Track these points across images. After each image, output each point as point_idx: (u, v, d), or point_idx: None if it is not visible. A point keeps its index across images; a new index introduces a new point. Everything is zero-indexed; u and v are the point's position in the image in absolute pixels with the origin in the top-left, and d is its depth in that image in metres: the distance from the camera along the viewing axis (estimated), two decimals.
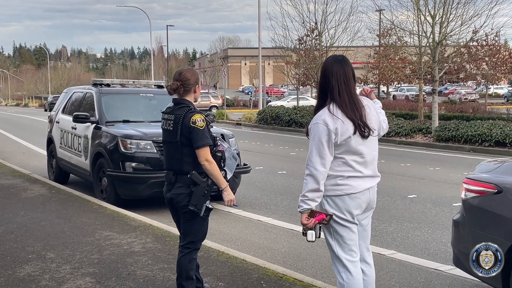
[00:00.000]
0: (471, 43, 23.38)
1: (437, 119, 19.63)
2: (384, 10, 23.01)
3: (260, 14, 29.73)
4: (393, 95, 47.41)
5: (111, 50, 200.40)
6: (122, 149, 8.16)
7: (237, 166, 8.61)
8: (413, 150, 17.18)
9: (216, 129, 9.20)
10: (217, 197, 9.06)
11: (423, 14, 19.34)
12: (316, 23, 24.91)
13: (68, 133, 10.14)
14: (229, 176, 4.43)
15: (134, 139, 8.18)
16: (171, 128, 4.14)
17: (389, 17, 21.14)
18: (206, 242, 6.14)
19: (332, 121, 3.40)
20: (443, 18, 18.90)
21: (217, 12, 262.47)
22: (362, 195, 3.56)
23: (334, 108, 3.43)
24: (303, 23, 25.29)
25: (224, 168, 4.33)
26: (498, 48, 32.77)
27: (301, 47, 26.64)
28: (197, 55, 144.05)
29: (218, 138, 4.35)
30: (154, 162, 8.06)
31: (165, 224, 7.08)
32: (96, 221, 7.12)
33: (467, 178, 4.55)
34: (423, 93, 24.39)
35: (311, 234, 3.49)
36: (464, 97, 44.22)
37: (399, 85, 48.95)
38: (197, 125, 4.04)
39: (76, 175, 10.07)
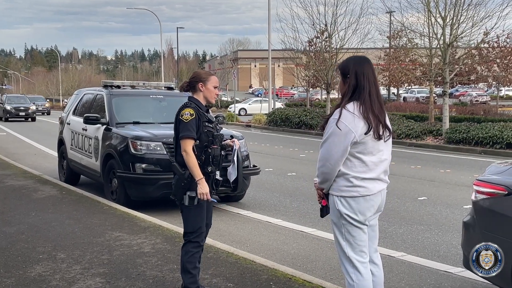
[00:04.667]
0: (482, 45, 23.27)
1: (447, 121, 19.54)
2: (394, 12, 22.99)
3: (270, 16, 29.75)
4: (404, 97, 47.21)
5: (121, 52, 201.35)
6: (132, 151, 8.20)
7: (246, 168, 8.71)
8: (424, 152, 17.11)
9: (225, 131, 9.21)
10: (228, 198, 9.13)
11: (433, 16, 19.28)
12: (326, 25, 24.91)
13: (78, 134, 10.20)
14: (232, 177, 4.62)
15: (144, 140, 8.21)
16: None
17: (400, 18, 21.12)
18: (216, 244, 6.17)
19: (353, 120, 3.39)
20: (454, 20, 18.83)
21: (225, 14, 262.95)
22: (376, 197, 3.57)
23: (359, 107, 3.42)
24: (313, 25, 25.32)
25: (228, 168, 4.59)
26: (510, 50, 32.55)
27: (311, 49, 26.64)
28: (207, 57, 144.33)
29: (227, 139, 4.53)
30: (164, 164, 8.09)
31: (174, 225, 7.10)
32: (106, 222, 7.15)
33: (478, 180, 4.53)
34: (434, 95, 24.29)
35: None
36: (475, 99, 43.95)
37: (410, 87, 48.77)
38: (183, 118, 4.27)
39: (87, 176, 10.13)
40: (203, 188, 4.25)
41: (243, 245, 6.56)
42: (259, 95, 56.90)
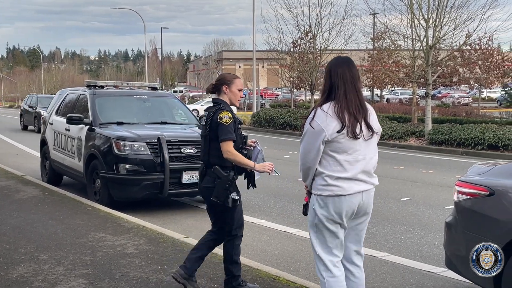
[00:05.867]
0: (464, 47, 23.48)
1: (430, 122, 19.71)
2: (378, 13, 23.16)
3: (255, 17, 29.78)
4: (387, 99, 47.49)
5: (105, 52, 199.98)
6: (116, 151, 8.15)
7: None
8: (407, 153, 17.24)
9: None
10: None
11: (416, 18, 19.42)
12: (310, 26, 24.99)
13: (61, 134, 10.12)
14: (257, 176, 4.69)
15: (127, 140, 8.18)
16: (204, 123, 4.56)
17: (383, 20, 21.25)
18: None
19: (325, 119, 3.44)
20: (437, 22, 18.99)
21: (209, 15, 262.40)
22: (353, 198, 3.52)
23: (334, 106, 3.46)
24: (298, 26, 25.38)
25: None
26: (491, 52, 32.89)
27: (295, 50, 26.70)
28: (191, 58, 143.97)
29: (254, 141, 4.76)
30: (147, 164, 8.06)
31: (158, 226, 7.08)
32: (89, 223, 7.10)
33: (460, 180, 4.58)
34: (417, 96, 24.49)
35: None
36: (458, 100, 44.37)
37: (393, 89, 49.07)
38: (223, 121, 4.40)
39: (70, 176, 10.05)
40: (263, 167, 4.53)
41: None
42: (244, 95, 56.88)
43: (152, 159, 8.06)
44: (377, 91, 46.03)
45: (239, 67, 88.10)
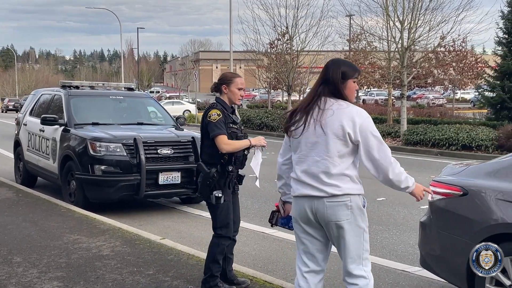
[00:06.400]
0: (438, 49, 23.83)
1: (405, 123, 19.93)
2: (354, 15, 23.31)
3: (232, 17, 29.75)
4: (363, 100, 47.90)
5: (80, 52, 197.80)
6: (91, 152, 8.07)
7: None
8: None
9: (187, 132, 9.18)
10: (189, 200, 9.08)
11: (392, 20, 19.64)
12: (287, 27, 25.05)
13: (36, 135, 9.98)
14: (256, 182, 4.79)
15: (103, 141, 8.10)
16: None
17: (359, 22, 21.43)
18: (176, 246, 6.14)
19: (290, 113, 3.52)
20: (412, 24, 19.23)
21: (186, 15, 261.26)
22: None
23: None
24: (274, 27, 25.43)
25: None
26: (465, 54, 33.42)
27: (272, 51, 26.75)
28: (168, 58, 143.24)
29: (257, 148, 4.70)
30: (123, 165, 8.00)
31: (134, 228, 7.03)
32: (64, 225, 7.02)
33: (434, 180, 4.64)
34: (392, 97, 24.74)
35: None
36: (432, 101, 44.97)
37: (369, 90, 49.51)
38: (211, 119, 4.47)
39: (44, 178, 9.92)
40: (259, 140, 4.59)
41: (204, 247, 6.51)
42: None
43: (128, 160, 8.00)
44: None
45: (216, 67, 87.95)
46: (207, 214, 8.27)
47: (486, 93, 24.93)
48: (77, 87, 9.98)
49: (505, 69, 23.08)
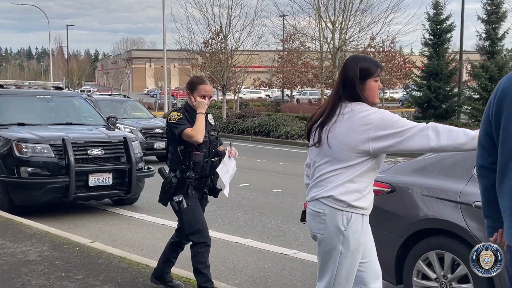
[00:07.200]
0: (368, 49, 24.46)
1: None
2: (287, 15, 23.58)
3: (165, 16, 29.41)
4: (297, 99, 48.53)
5: (6, 50, 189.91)
6: (17, 153, 7.75)
7: (140, 170, 8.54)
8: None
9: (119, 133, 8.99)
10: (121, 202, 8.90)
11: (323, 21, 20.01)
12: (221, 27, 25.01)
13: None
14: (226, 182, 4.45)
15: (29, 142, 7.80)
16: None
17: (292, 22, 21.71)
18: (107, 249, 5.99)
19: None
20: (343, 25, 19.67)
21: (117, 13, 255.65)
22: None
23: None
24: (208, 26, 25.32)
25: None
26: (394, 54, 34.54)
27: (206, 50, 26.63)
28: (100, 56, 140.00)
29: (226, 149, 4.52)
30: (51, 167, 7.73)
31: (63, 231, 6.81)
32: None
33: None
34: (325, 96, 25.15)
35: None
36: None
37: (302, 89, 50.24)
38: (171, 120, 4.35)
39: None
40: (200, 104, 4.36)
41: (136, 249, 6.42)
42: (155, 95, 56.04)
43: (57, 161, 7.74)
44: (287, 92, 46.93)
45: (150, 66, 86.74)
46: (140, 216, 8.17)
47: (414, 93, 25.81)
48: (1, 86, 9.58)
49: (431, 69, 23.97)
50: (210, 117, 4.56)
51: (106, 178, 8.04)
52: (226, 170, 4.41)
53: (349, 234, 2.97)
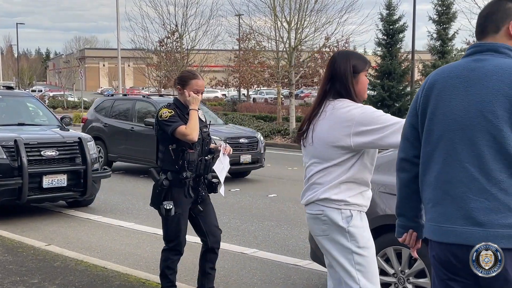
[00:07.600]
0: (324, 49, 24.73)
1: (294, 121, 20.51)
2: (243, 15, 23.59)
3: (119, 14, 28.97)
4: (253, 98, 48.63)
5: None
6: None
7: (96, 170, 8.39)
8: (273, 151, 17.76)
9: (73, 133, 8.80)
10: (76, 203, 8.73)
11: (279, 20, 20.13)
12: (176, 26, 24.85)
13: None
14: (221, 190, 4.42)
15: None
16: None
17: (248, 22, 21.74)
18: (63, 252, 5.86)
19: None
20: (298, 25, 19.82)
21: (69, 11, 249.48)
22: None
23: None
24: (164, 25, 25.13)
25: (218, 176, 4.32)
26: None
27: (162, 49, 26.40)
28: (51, 55, 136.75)
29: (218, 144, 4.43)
30: (3, 169, 7.50)
31: (16, 235, 6.63)
32: None
33: None
34: (281, 96, 25.36)
35: None
36: None
37: (259, 89, 50.38)
38: (162, 118, 4.14)
39: None
40: (193, 99, 4.17)
41: (93, 252, 6.30)
42: (108, 95, 55.25)
43: (9, 163, 7.51)
44: (244, 91, 46.99)
45: (104, 65, 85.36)
46: (96, 218, 8.03)
47: (368, 92, 26.22)
48: None
49: (385, 69, 24.39)
50: (200, 113, 4.34)
51: (60, 180, 7.86)
52: (222, 168, 4.32)
53: (353, 230, 2.94)
